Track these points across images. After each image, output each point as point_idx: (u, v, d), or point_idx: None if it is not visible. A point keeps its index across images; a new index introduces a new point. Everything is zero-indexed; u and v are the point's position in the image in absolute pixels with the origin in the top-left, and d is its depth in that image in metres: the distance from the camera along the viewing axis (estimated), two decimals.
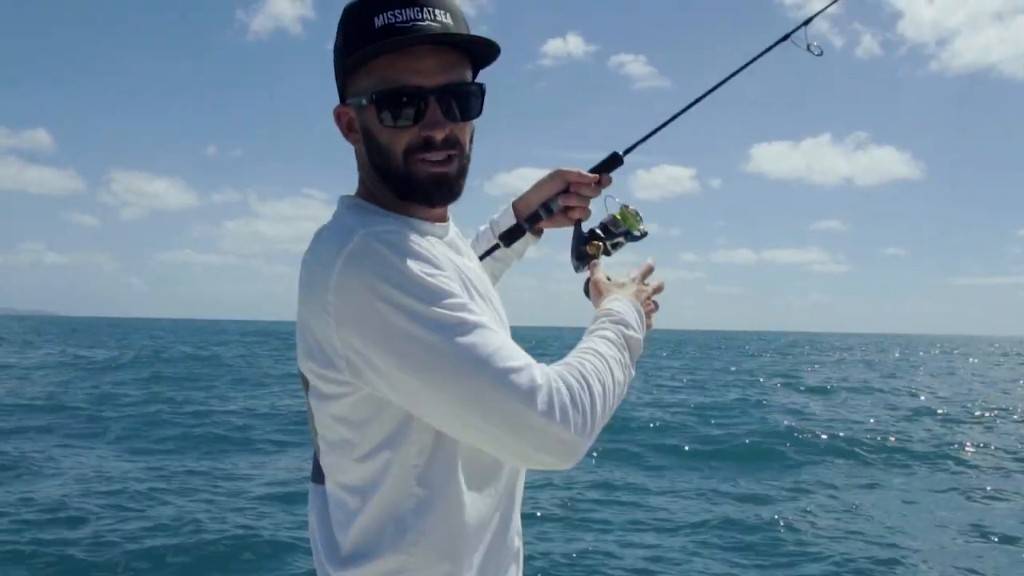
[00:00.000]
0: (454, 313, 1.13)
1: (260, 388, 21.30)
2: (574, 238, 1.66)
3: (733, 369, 35.73)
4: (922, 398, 22.41)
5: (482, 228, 1.79)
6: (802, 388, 24.96)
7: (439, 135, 1.24)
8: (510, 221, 1.71)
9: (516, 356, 1.15)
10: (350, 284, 1.14)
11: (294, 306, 1.27)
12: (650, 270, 1.55)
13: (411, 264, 1.14)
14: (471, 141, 1.32)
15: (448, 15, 1.23)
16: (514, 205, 1.73)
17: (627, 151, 1.69)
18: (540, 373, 1.15)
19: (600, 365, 1.24)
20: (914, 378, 32.55)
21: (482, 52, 1.28)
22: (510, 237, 1.70)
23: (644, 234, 1.70)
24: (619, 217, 1.65)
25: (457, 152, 1.28)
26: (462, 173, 1.30)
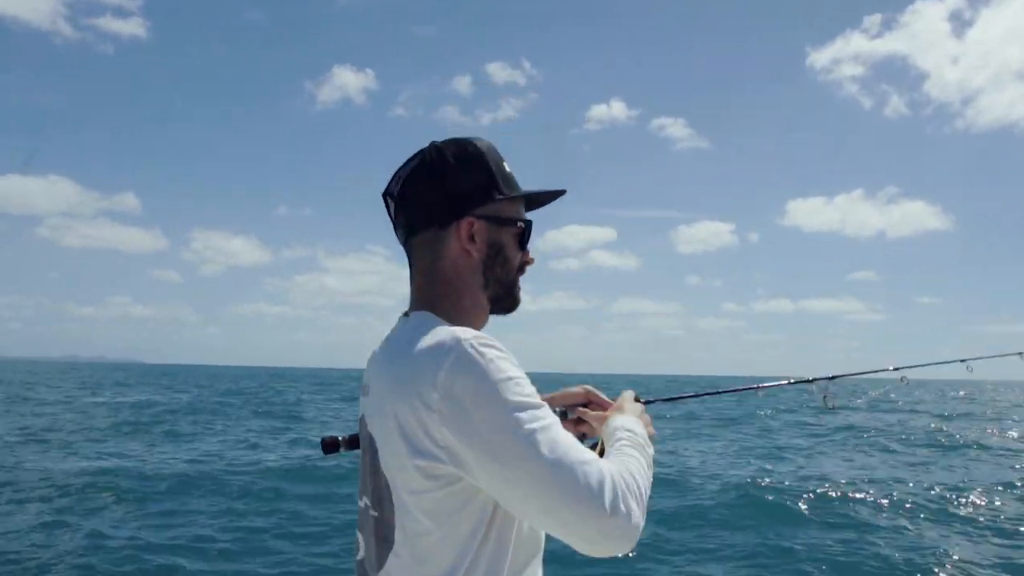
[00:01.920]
0: (539, 413, 1.30)
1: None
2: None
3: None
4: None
5: None
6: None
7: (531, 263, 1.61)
8: None
9: (584, 453, 1.30)
10: (458, 383, 1.28)
11: (359, 354, 1.37)
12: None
13: (507, 369, 1.30)
14: None
15: None
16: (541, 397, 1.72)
17: (648, 402, 1.90)
18: (605, 467, 1.30)
19: (638, 465, 1.39)
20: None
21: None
22: None
23: None
24: None
25: None
26: None
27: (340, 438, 1.70)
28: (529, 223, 1.56)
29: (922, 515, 10.94)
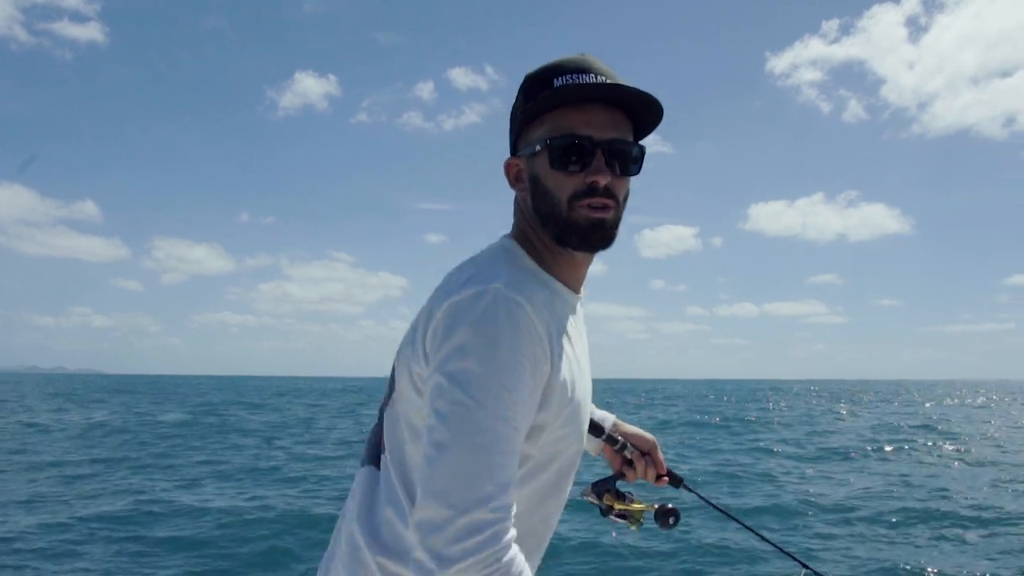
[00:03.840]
0: (504, 408, 1.16)
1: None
2: (608, 479, 1.79)
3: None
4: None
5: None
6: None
7: (602, 181, 1.29)
8: (602, 424, 1.80)
9: (507, 485, 1.15)
10: (460, 315, 1.19)
11: (327, 363, 1.73)
12: None
13: (513, 344, 1.18)
14: (627, 199, 1.37)
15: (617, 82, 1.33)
16: (614, 421, 1.83)
17: (689, 489, 1.88)
18: (506, 521, 1.13)
19: None
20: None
21: (646, 119, 1.36)
22: (591, 429, 1.75)
23: (632, 525, 1.77)
24: (633, 508, 1.75)
25: (614, 203, 1.32)
26: (616, 223, 1.34)
27: None
28: (560, 137, 1.30)
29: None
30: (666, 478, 1.82)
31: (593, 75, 1.32)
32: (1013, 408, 51.01)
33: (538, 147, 1.33)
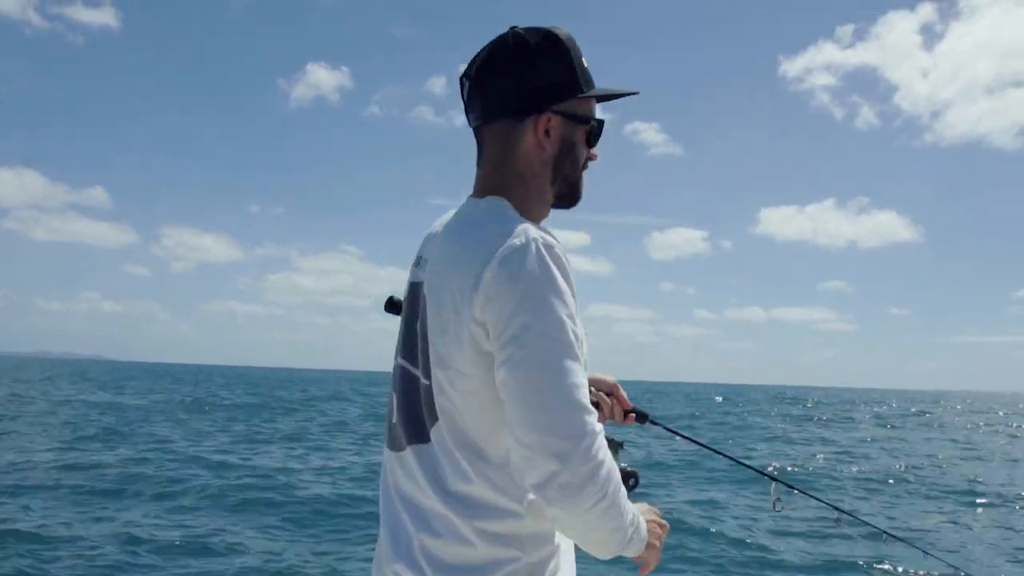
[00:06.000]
0: (574, 341, 1.29)
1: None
2: None
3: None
4: None
5: None
6: None
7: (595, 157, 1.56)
8: None
9: (591, 405, 1.29)
10: (517, 267, 1.28)
11: (333, 355, 2.32)
12: (666, 528, 1.55)
13: (565, 287, 1.30)
14: None
15: None
16: None
17: (654, 423, 1.91)
18: (602, 436, 1.28)
19: (627, 508, 1.34)
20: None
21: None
22: None
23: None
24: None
25: None
26: None
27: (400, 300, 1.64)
28: (601, 122, 1.53)
29: None
30: (633, 415, 1.87)
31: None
32: None
33: (593, 122, 1.52)
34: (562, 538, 1.42)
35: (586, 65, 1.50)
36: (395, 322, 1.59)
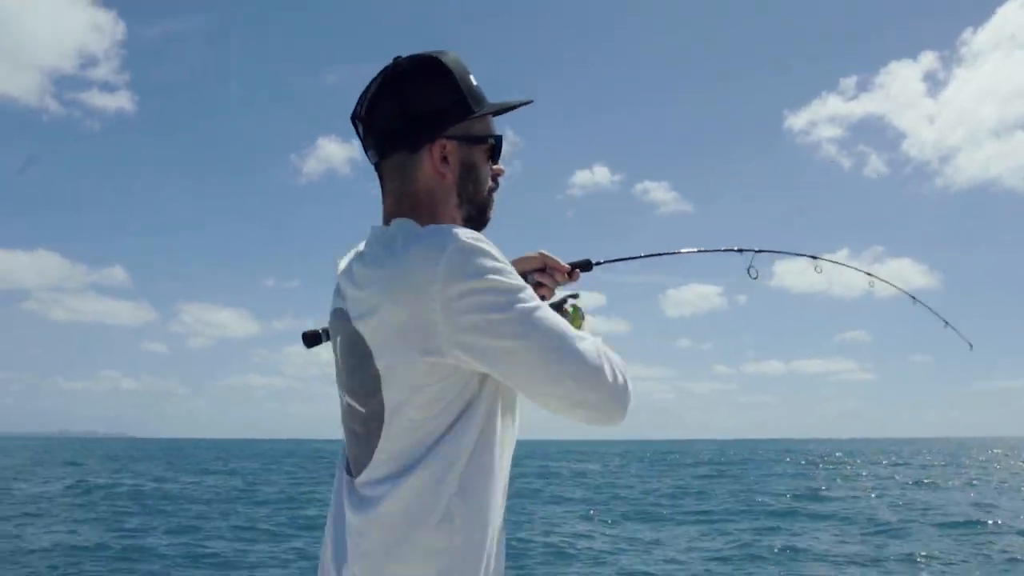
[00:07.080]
0: (532, 294, 1.36)
1: None
2: (556, 305, 1.78)
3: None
4: None
5: None
6: None
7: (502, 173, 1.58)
8: None
9: (573, 328, 1.39)
10: (459, 273, 1.29)
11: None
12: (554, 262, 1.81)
13: (500, 258, 1.35)
14: None
15: None
16: None
17: (599, 263, 1.96)
18: (596, 340, 1.41)
19: (612, 355, 1.44)
20: None
21: None
22: None
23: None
24: (569, 311, 1.74)
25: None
26: None
27: (321, 330, 1.67)
28: (499, 138, 1.53)
29: None
30: (577, 270, 1.89)
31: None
32: None
33: (491, 139, 1.52)
34: (492, 536, 1.43)
35: (474, 83, 1.50)
36: None
